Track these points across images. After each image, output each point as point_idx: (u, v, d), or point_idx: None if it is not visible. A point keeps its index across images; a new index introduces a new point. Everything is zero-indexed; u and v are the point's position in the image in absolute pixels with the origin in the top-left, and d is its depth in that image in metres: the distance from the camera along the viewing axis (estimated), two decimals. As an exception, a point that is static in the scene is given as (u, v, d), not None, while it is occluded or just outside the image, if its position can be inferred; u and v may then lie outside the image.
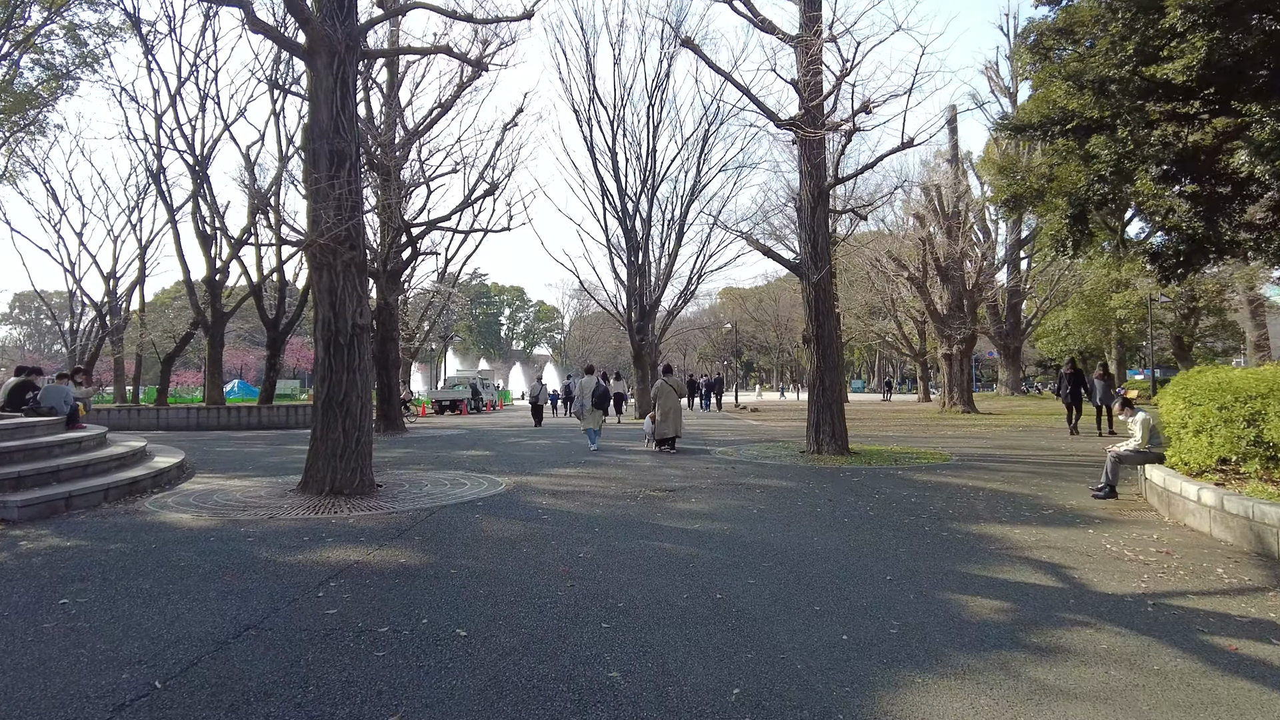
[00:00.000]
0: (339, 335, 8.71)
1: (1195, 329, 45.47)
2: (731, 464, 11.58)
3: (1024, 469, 10.88)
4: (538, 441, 16.30)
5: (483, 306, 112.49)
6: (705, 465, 11.44)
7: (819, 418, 13.03)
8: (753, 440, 16.10)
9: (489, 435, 18.75)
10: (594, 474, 10.48)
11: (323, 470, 8.68)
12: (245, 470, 11.41)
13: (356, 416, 8.79)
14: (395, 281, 20.09)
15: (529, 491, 8.83)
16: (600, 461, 12.07)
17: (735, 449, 13.95)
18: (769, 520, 7.05)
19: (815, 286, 13.29)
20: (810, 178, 13.49)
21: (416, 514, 7.33)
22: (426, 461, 12.32)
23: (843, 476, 10.11)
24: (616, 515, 7.27)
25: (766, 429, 20.20)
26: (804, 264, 13.45)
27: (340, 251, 8.63)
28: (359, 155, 9.03)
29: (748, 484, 9.37)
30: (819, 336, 13.25)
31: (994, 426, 19.99)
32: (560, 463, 11.93)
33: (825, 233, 13.62)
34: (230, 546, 5.88)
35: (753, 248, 14.27)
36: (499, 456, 13.00)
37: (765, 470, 10.79)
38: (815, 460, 12.01)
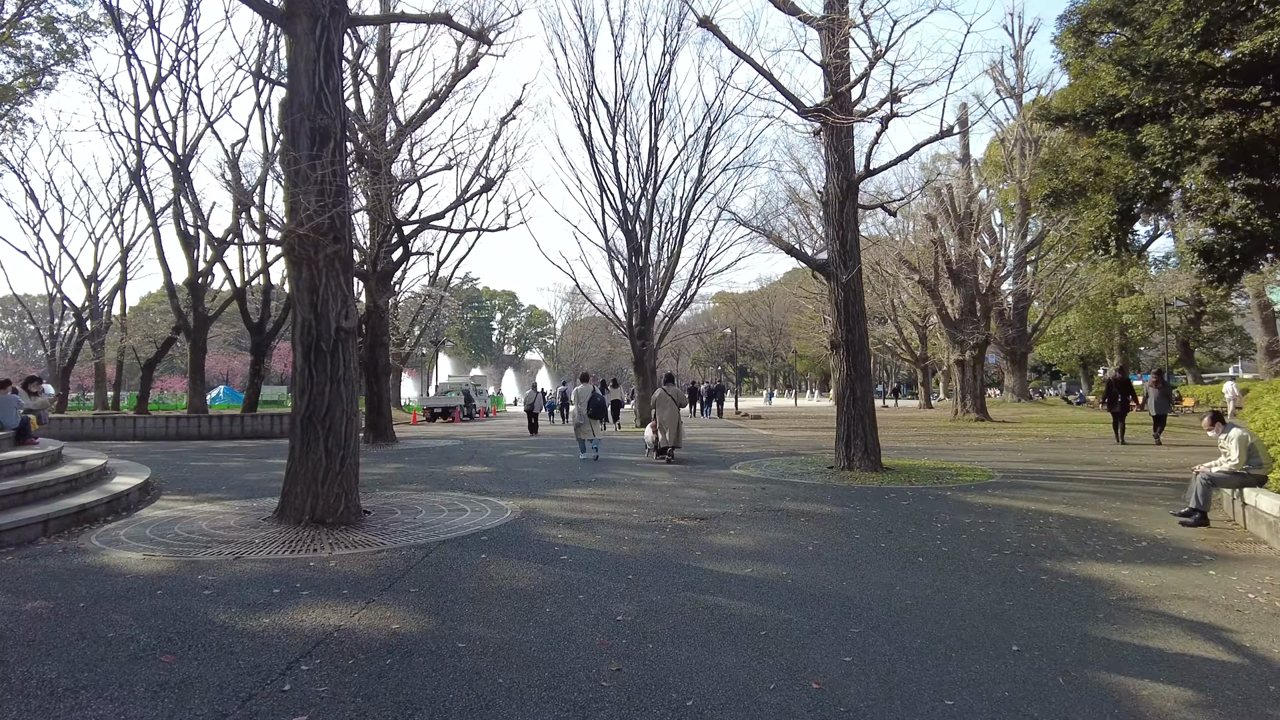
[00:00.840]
0: (321, 340, 7.56)
1: (1201, 334, 44.75)
2: (758, 483, 10.47)
3: (1082, 488, 9.82)
4: (539, 455, 15.15)
5: (474, 311, 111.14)
6: (729, 485, 10.32)
7: (849, 430, 11.95)
8: (771, 454, 14.99)
9: (486, 447, 17.58)
10: (608, 496, 9.34)
11: (301, 496, 7.52)
12: (218, 491, 10.23)
13: (341, 434, 7.64)
14: (386, 283, 18.93)
15: (539, 520, 7.69)
16: (612, 480, 10.94)
17: (755, 464, 12.84)
18: (830, 560, 5.94)
19: (845, 287, 12.23)
20: (838, 169, 12.44)
21: (410, 553, 6.18)
22: (419, 480, 11.16)
23: (888, 499, 9.01)
24: (648, 554, 6.14)
25: (781, 440, 19.11)
26: (832, 263, 12.38)
27: (322, 244, 7.49)
28: (344, 135, 7.90)
29: (786, 509, 8.26)
30: (849, 342, 12.18)
31: (1018, 437, 18.97)
32: (568, 482, 10.79)
33: (855, 228, 12.55)
34: (180, 605, 4.71)
35: (776, 246, 13.22)
36: (500, 474, 11.85)
37: (799, 491, 9.68)
38: (849, 478, 10.91)
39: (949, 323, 26.79)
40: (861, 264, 32.40)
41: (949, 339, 27.02)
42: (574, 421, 14.47)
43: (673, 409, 13.68)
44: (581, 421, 14.22)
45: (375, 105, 17.60)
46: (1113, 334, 49.28)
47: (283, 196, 8.00)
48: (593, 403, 14.32)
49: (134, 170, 30.18)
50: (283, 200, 8.06)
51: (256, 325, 27.31)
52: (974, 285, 26.67)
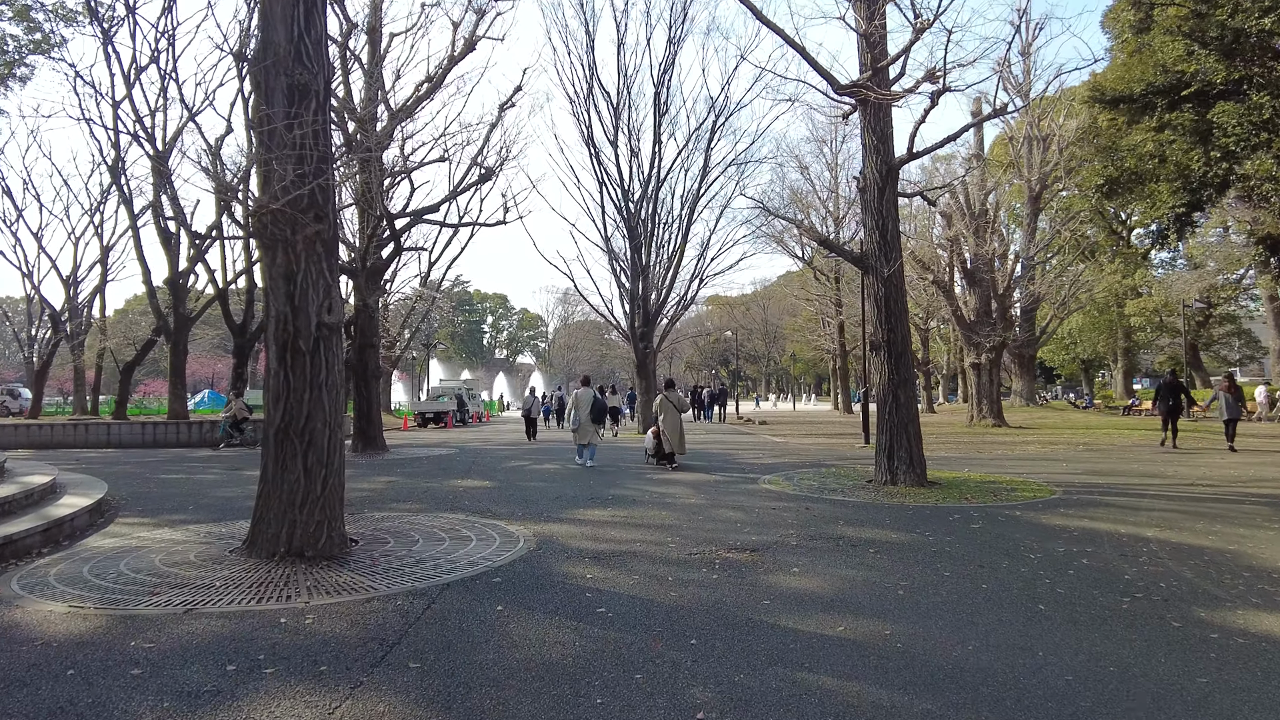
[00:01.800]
0: (298, 338, 6.32)
1: (1211, 336, 43.97)
2: (798, 501, 9.28)
3: (1163, 506, 8.68)
4: (544, 466, 13.91)
5: (465, 314, 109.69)
6: (766, 504, 9.12)
7: (892, 441, 10.77)
8: (795, 464, 13.81)
9: (484, 456, 16.32)
10: (633, 519, 8.13)
11: (276, 524, 6.27)
12: (184, 511, 8.95)
13: (323, 449, 6.40)
14: (375, 281, 17.67)
15: (560, 553, 6.46)
16: (632, 498, 9.72)
17: (785, 477, 11.65)
18: (933, 610, 4.75)
19: (886, 282, 11.07)
20: (876, 152, 11.30)
21: (408, 603, 4.95)
22: (414, 497, 9.91)
23: (954, 522, 7.84)
24: (704, 603, 4.93)
25: (797, 448, 17.93)
26: (870, 255, 11.23)
27: (301, 222, 6.26)
28: (328, 93, 6.66)
29: (846, 537, 7.07)
30: (890, 342, 11.01)
31: (1049, 444, 17.86)
32: (583, 499, 9.56)
33: (895, 217, 11.40)
34: (93, 696, 3.47)
35: (808, 236, 12.09)
36: (504, 489, 10.61)
37: (849, 512, 8.49)
38: (896, 495, 9.73)
39: (964, 325, 25.73)
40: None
41: (964, 341, 25.97)
42: (571, 426, 14.01)
43: (675, 415, 13.47)
44: (579, 426, 13.81)
45: (365, 89, 16.35)
46: (1116, 337, 48.47)
47: (256, 169, 6.77)
48: (594, 407, 13.92)
49: (113, 165, 28.75)
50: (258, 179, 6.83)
51: (240, 327, 25.96)
52: (990, 285, 25.62)
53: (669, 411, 13.49)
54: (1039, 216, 34.01)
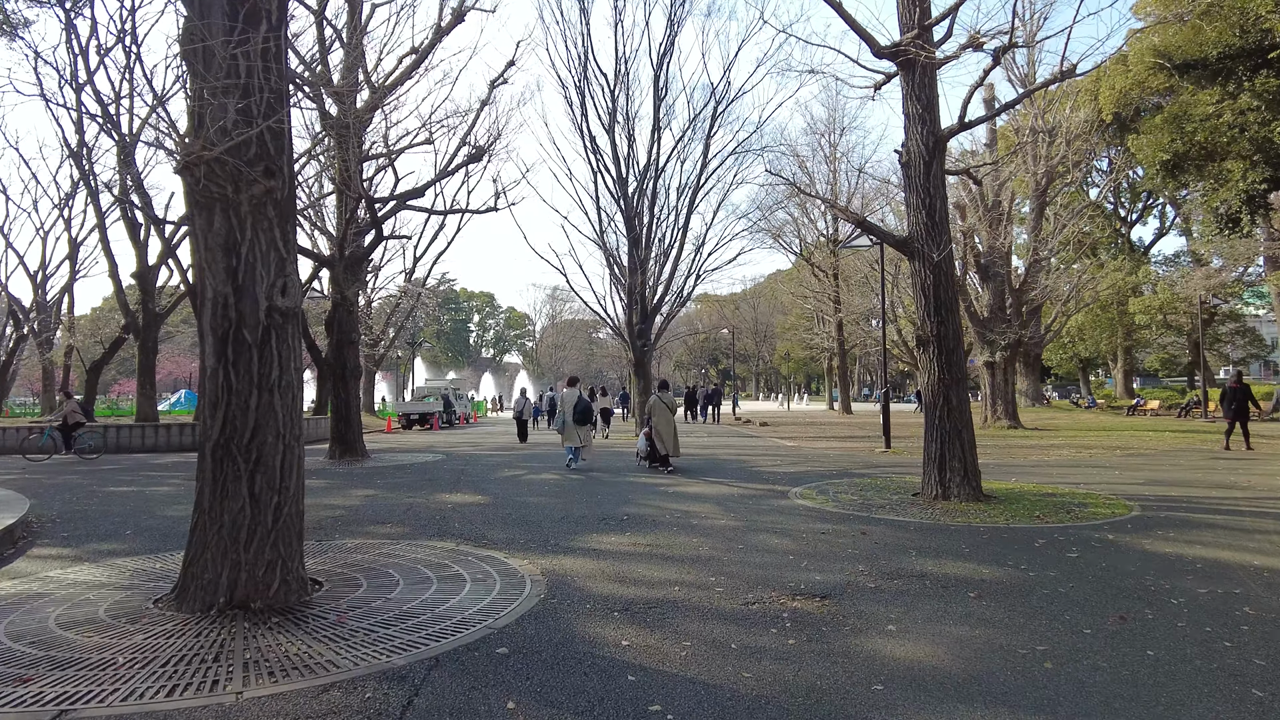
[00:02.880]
0: (243, 327, 4.90)
1: (1219, 335, 43.10)
2: (847, 522, 7.93)
3: (1273, 527, 7.41)
4: (542, 477, 12.49)
5: (451, 313, 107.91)
6: (810, 525, 7.77)
7: (943, 449, 9.45)
8: (820, 473, 12.48)
9: (474, 464, 14.88)
10: (660, 548, 6.74)
11: (214, 567, 4.85)
12: (119, 536, 7.50)
13: (275, 469, 4.99)
14: (355, 272, 16.18)
15: (579, 603, 5.07)
16: (651, 518, 8.34)
17: (817, 489, 10.30)
18: (1112, 697, 3.42)
19: (935, 269, 9.76)
20: (921, 122, 9.98)
21: (380, 695, 3.54)
22: (396, 517, 8.48)
23: (1043, 549, 6.52)
24: (791, 689, 3.56)
25: (813, 453, 16.60)
26: (916, 238, 9.91)
27: (246, 177, 4.84)
28: (284, 16, 5.21)
29: (929, 573, 5.72)
30: (940, 337, 9.70)
31: (1082, 448, 16.63)
32: (593, 520, 8.17)
33: (943, 195, 10.09)
34: None
35: (843, 217, 10.74)
36: (500, 506, 9.20)
37: (914, 537, 7.15)
38: (957, 513, 8.41)
39: (978, 321, 24.52)
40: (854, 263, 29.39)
41: (977, 339, 24.75)
42: (556, 427, 13.77)
43: (668, 416, 13.19)
44: (564, 427, 13.61)
45: (345, 59, 14.85)
46: (1117, 335, 47.57)
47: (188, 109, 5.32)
48: (578, 408, 13.55)
49: (76, 152, 27.02)
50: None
51: (211, 323, 24.31)
52: (1005, 281, 24.44)
53: (661, 412, 13.19)
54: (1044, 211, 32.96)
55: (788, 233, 43.43)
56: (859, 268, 44.46)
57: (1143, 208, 48.03)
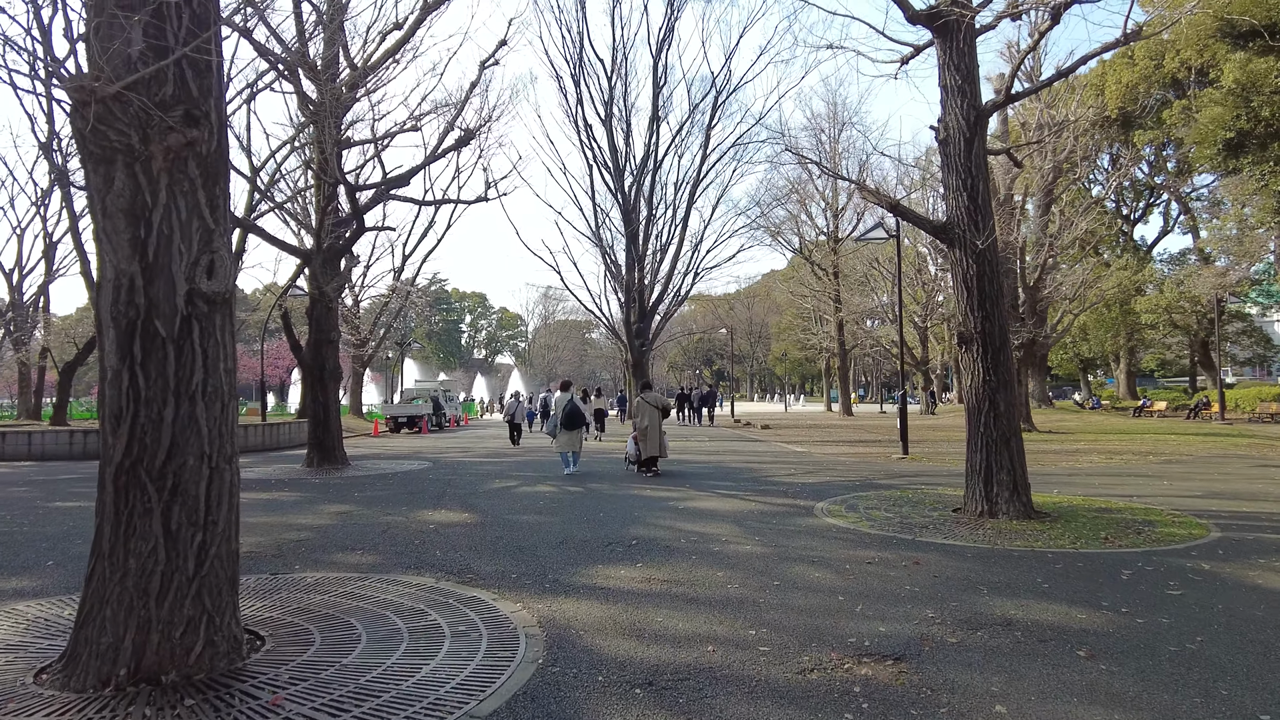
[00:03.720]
0: (155, 317, 3.80)
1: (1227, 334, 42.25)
2: (892, 547, 6.86)
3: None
4: (537, 489, 11.38)
5: (442, 313, 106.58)
6: (850, 550, 6.70)
7: (990, 459, 8.41)
8: (841, 484, 11.42)
9: (462, 473, 13.76)
10: (680, 584, 5.65)
11: (116, 627, 3.74)
12: (35, 569, 6.37)
13: (199, 499, 3.88)
14: (334, 266, 15.04)
15: (588, 673, 3.96)
16: (665, 543, 7.25)
17: (846, 505, 9.23)
18: None
19: (978, 259, 8.72)
20: (960, 95, 8.93)
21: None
22: (368, 541, 7.36)
23: (1134, 583, 5.47)
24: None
25: (825, 460, 15.54)
26: (956, 223, 8.87)
27: (158, 124, 3.73)
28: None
29: (1014, 620, 4.65)
30: (985, 334, 8.66)
31: (1111, 454, 15.63)
32: (598, 545, 7.07)
33: (985, 176, 9.05)
34: None
35: (872, 200, 9.65)
36: (489, 527, 8.09)
37: (976, 568, 6.09)
38: (1012, 535, 7.36)
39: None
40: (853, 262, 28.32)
41: (989, 339, 23.76)
42: (547, 431, 13.61)
43: (654, 418, 12.79)
44: (554, 433, 13.36)
45: (324, 33, 13.70)
46: (1119, 335, 46.74)
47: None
48: (566, 414, 13.15)
49: (45, 142, 25.72)
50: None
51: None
52: (1019, 278, 23.46)
53: (647, 414, 12.79)
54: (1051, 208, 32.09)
55: (786, 231, 42.41)
56: (857, 266, 43.59)
57: (1145, 206, 47.27)
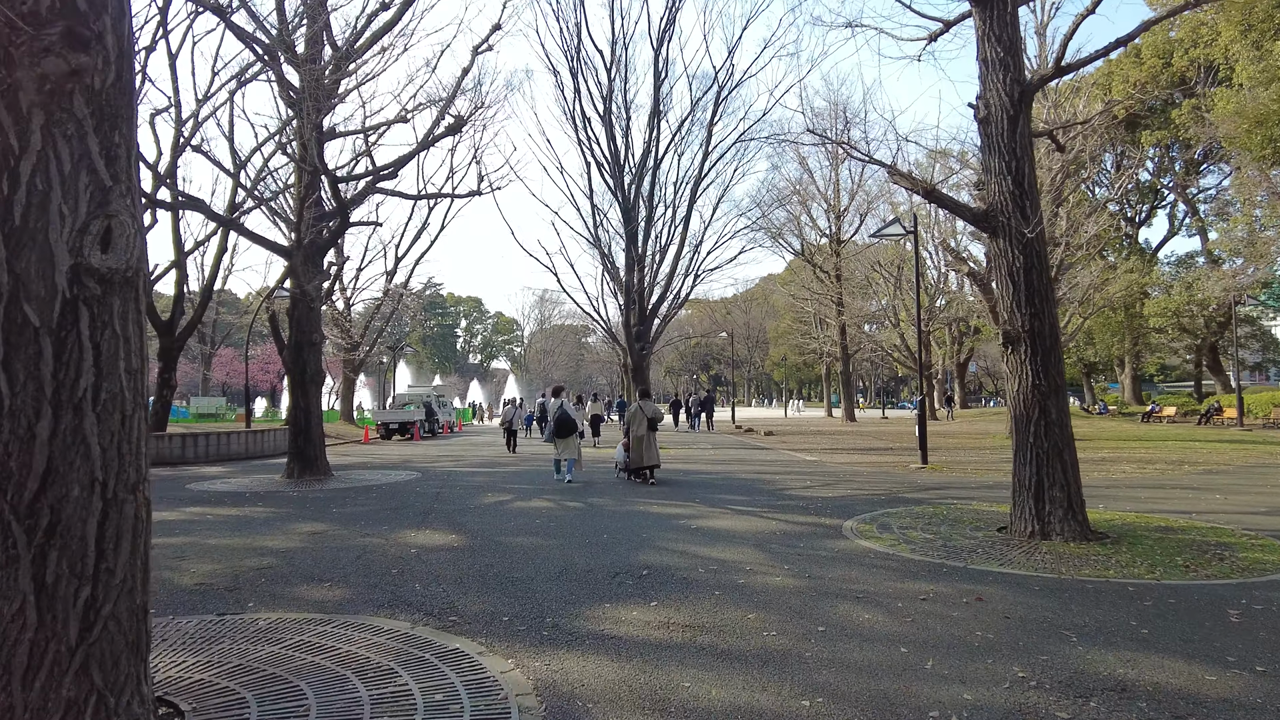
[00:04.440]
0: (24, 300, 2.85)
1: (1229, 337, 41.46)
2: (944, 578, 5.93)
3: None
4: (533, 504, 10.43)
5: (437, 317, 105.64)
6: (897, 582, 5.77)
7: (1041, 475, 7.50)
8: (863, 497, 10.50)
9: (453, 485, 12.80)
10: (706, 630, 4.72)
11: (-29, 713, 2.79)
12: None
13: (86, 543, 2.95)
14: (317, 263, 14.09)
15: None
16: (682, 573, 6.31)
17: (878, 525, 8.31)
18: None
19: (1025, 249, 7.84)
20: (1003, 69, 8.06)
21: None
22: (339, 571, 6.40)
23: (1257, 631, 4.56)
24: None
25: (839, 469, 14.62)
26: (1000, 210, 7.98)
27: (28, 45, 2.80)
28: None
29: (1130, 683, 3.73)
30: (1035, 333, 7.79)
31: (1142, 463, 14.73)
32: (602, 575, 6.13)
33: (1031, 159, 8.17)
34: None
35: (906, 186, 8.73)
36: (478, 552, 7.13)
37: (1052, 605, 5.17)
38: (1078, 560, 6.44)
39: (1002, 323, 22.62)
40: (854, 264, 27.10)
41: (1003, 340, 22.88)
42: (545, 438, 13.37)
43: (646, 425, 12.49)
44: (549, 441, 12.99)
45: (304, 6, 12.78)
46: (1125, 339, 46.00)
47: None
48: (558, 420, 12.69)
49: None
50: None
51: (166, 324, 22.12)
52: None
53: (641, 421, 12.54)
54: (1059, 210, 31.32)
55: (787, 233, 41.58)
56: (859, 270, 42.76)
57: (1149, 209, 46.60)
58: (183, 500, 11.09)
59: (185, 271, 23.45)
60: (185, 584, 5.92)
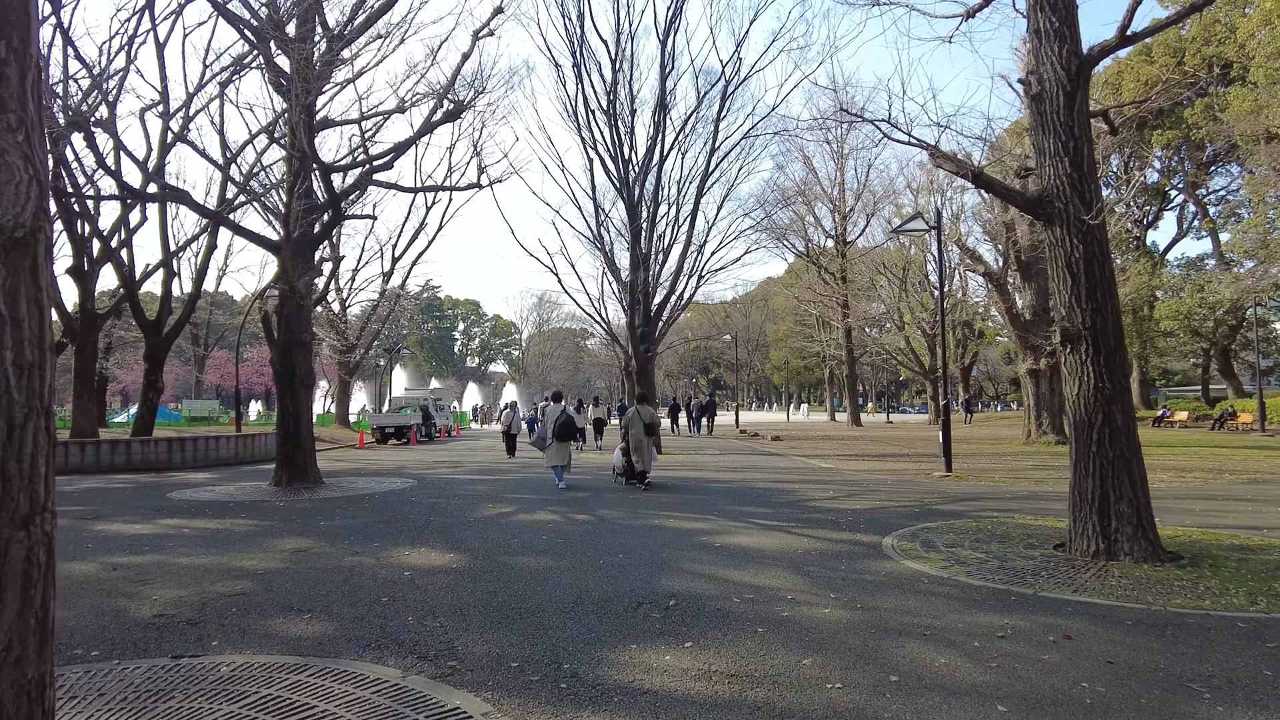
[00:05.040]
0: None
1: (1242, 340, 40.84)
2: (1024, 610, 5.16)
3: None
4: (537, 517, 9.64)
5: (435, 320, 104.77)
6: (963, 614, 5.01)
7: (1106, 488, 6.73)
8: (898, 510, 9.72)
9: (451, 494, 12.01)
10: (754, 680, 3.94)
11: None
12: None
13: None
14: (307, 258, 13.31)
15: None
16: (715, 602, 5.53)
17: (921, 542, 7.53)
18: None
19: (1085, 237, 7.07)
20: (1059, 40, 7.31)
21: None
22: (322, 599, 5.61)
23: None
24: None
25: (859, 478, 13.85)
26: (1056, 195, 7.22)
27: None
28: None
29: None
30: (1097, 330, 7.00)
31: (1179, 473, 13.98)
32: (624, 607, 5.35)
33: (1089, 139, 7.41)
34: None
35: (955, 172, 7.92)
36: (480, 576, 6.35)
37: (1155, 643, 4.41)
38: (1157, 587, 5.67)
39: (1019, 325, 21.95)
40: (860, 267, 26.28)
41: (1019, 344, 22.19)
42: (537, 443, 13.03)
43: (642, 429, 12.38)
44: (547, 445, 12.69)
45: None
46: (1133, 343, 45.34)
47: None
48: (559, 423, 12.56)
49: None
50: None
51: (153, 324, 21.31)
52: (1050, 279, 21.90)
53: (639, 426, 12.39)
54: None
55: (792, 234, 40.87)
56: (864, 271, 42.08)
57: (1156, 210, 45.95)
58: (160, 511, 10.30)
59: (173, 270, 22.67)
60: (142, 615, 5.13)
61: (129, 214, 23.14)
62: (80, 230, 22.48)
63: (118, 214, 22.83)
